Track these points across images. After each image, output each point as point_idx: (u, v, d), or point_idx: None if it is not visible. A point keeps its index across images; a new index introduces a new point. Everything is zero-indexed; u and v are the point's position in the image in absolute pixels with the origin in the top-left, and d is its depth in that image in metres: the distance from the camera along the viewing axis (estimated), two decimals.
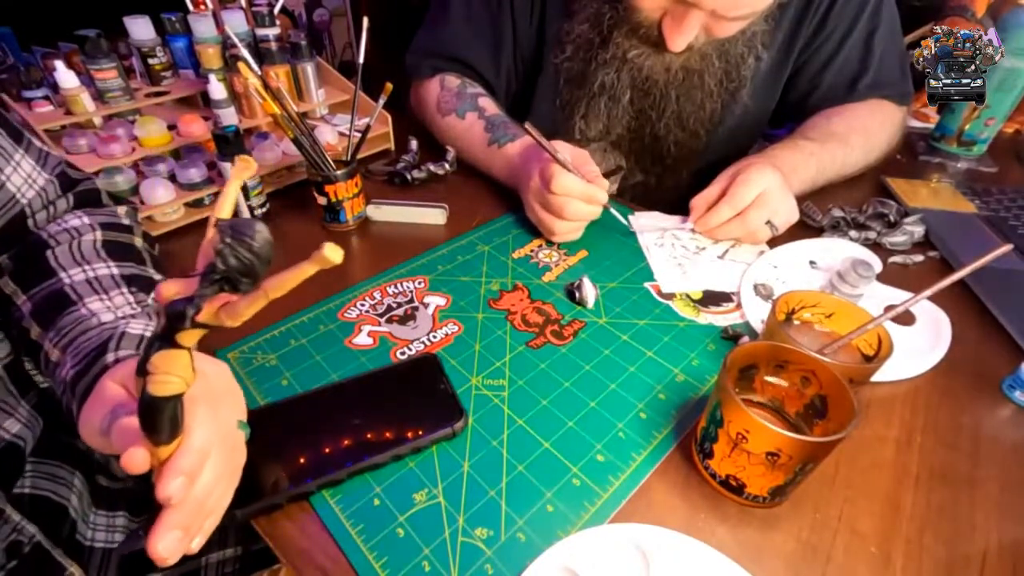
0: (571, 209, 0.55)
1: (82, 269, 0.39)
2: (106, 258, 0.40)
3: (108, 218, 0.44)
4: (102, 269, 0.39)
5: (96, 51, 0.57)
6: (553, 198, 0.55)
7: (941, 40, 0.68)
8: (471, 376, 0.44)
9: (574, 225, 0.58)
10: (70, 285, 0.38)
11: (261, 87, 0.52)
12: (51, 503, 0.41)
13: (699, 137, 0.76)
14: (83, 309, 0.36)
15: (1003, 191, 0.74)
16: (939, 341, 0.48)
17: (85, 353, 0.33)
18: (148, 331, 0.35)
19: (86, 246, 0.40)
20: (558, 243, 0.60)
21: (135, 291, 0.39)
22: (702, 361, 0.46)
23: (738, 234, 0.59)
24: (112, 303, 0.37)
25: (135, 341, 0.34)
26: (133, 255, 0.43)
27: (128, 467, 0.24)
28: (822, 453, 0.32)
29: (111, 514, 0.46)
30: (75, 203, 0.44)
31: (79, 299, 0.37)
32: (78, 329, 0.35)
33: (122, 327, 0.35)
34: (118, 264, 0.40)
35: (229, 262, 0.18)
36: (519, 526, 0.34)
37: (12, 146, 0.40)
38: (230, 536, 0.49)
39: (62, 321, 0.36)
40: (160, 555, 0.25)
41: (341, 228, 0.61)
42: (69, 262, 0.39)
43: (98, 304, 0.37)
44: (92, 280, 0.38)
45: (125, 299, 0.38)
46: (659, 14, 0.61)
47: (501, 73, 0.77)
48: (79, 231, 0.42)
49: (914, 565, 0.33)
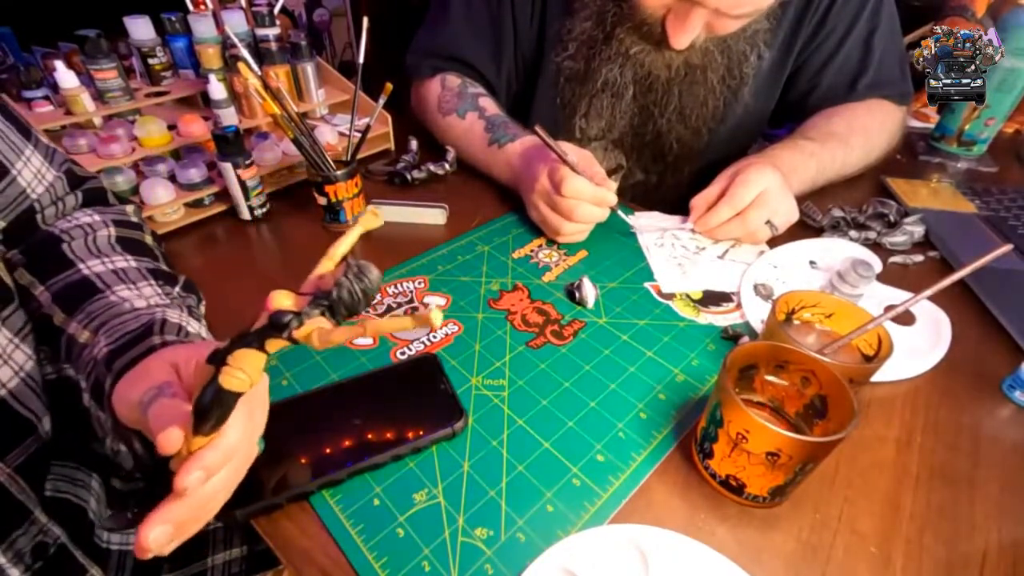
0: (580, 212, 0.55)
1: (101, 261, 0.39)
2: (123, 252, 0.41)
3: (119, 216, 0.45)
4: (121, 262, 0.40)
5: (96, 51, 0.57)
6: (563, 201, 0.55)
7: (941, 40, 0.68)
8: (471, 376, 0.44)
9: (582, 227, 0.58)
10: (95, 275, 0.38)
11: (261, 87, 0.52)
12: (72, 505, 0.41)
13: (700, 135, 0.76)
14: (112, 296, 0.37)
15: (1003, 191, 0.74)
16: (939, 341, 0.48)
17: (123, 333, 0.34)
18: (183, 321, 0.36)
19: (101, 241, 0.41)
20: (559, 243, 0.60)
21: (161, 284, 0.40)
22: (702, 361, 0.46)
23: (738, 234, 0.59)
24: (141, 293, 0.38)
25: (175, 328, 0.35)
26: (147, 251, 0.43)
27: (163, 444, 0.24)
28: (822, 453, 0.32)
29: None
30: (83, 201, 0.44)
31: (107, 287, 0.37)
32: (111, 312, 0.36)
33: (160, 314, 0.35)
34: (136, 259, 0.41)
35: (343, 294, 0.21)
36: (519, 526, 0.34)
37: (22, 141, 0.40)
38: (236, 536, 0.49)
39: (91, 306, 0.36)
40: (147, 544, 0.24)
41: (341, 228, 0.61)
42: (87, 254, 0.39)
43: (127, 292, 0.37)
44: (118, 271, 0.39)
45: (154, 290, 0.39)
46: (662, 12, 0.61)
47: (502, 73, 0.77)
48: (92, 227, 0.42)
49: (914, 565, 0.33)
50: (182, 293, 0.41)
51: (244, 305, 0.51)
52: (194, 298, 0.42)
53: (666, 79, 0.69)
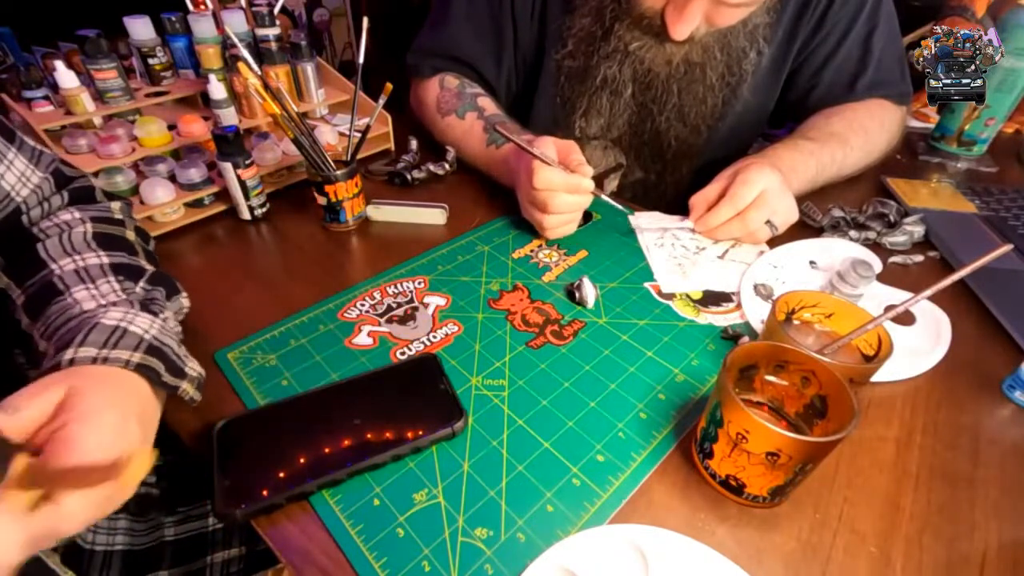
0: (556, 202, 0.55)
1: (72, 259, 0.39)
2: (96, 248, 0.40)
3: (100, 212, 0.44)
4: (92, 259, 0.39)
5: (96, 51, 0.57)
6: (537, 194, 0.55)
7: (941, 40, 0.68)
8: (471, 376, 0.44)
9: (564, 218, 0.57)
10: (59, 276, 0.38)
11: (261, 87, 0.52)
12: None
13: (700, 133, 0.76)
14: (69, 298, 0.36)
15: (1003, 191, 0.74)
16: (939, 341, 0.48)
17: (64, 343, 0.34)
18: (125, 322, 0.35)
19: (76, 238, 0.40)
20: (558, 243, 0.60)
21: (122, 279, 0.39)
22: (702, 361, 0.46)
23: (738, 234, 0.59)
24: (99, 291, 0.37)
25: (105, 333, 0.34)
26: (124, 246, 0.43)
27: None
28: (822, 453, 0.32)
29: (112, 516, 0.45)
30: (69, 200, 0.44)
31: (66, 288, 0.37)
32: (62, 319, 0.35)
33: (99, 316, 0.35)
34: (108, 254, 0.40)
35: None
36: (519, 526, 0.34)
37: (5, 145, 0.40)
38: (235, 537, 0.49)
39: (49, 310, 0.36)
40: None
41: (341, 228, 0.61)
42: (59, 253, 0.39)
43: (84, 293, 0.37)
44: (80, 270, 0.38)
45: (111, 287, 0.38)
46: (662, 3, 0.61)
47: (502, 72, 0.77)
48: (69, 224, 0.41)
49: (914, 565, 0.33)
50: (146, 286, 0.40)
51: (244, 305, 0.52)
52: (161, 290, 0.41)
53: (665, 76, 0.69)
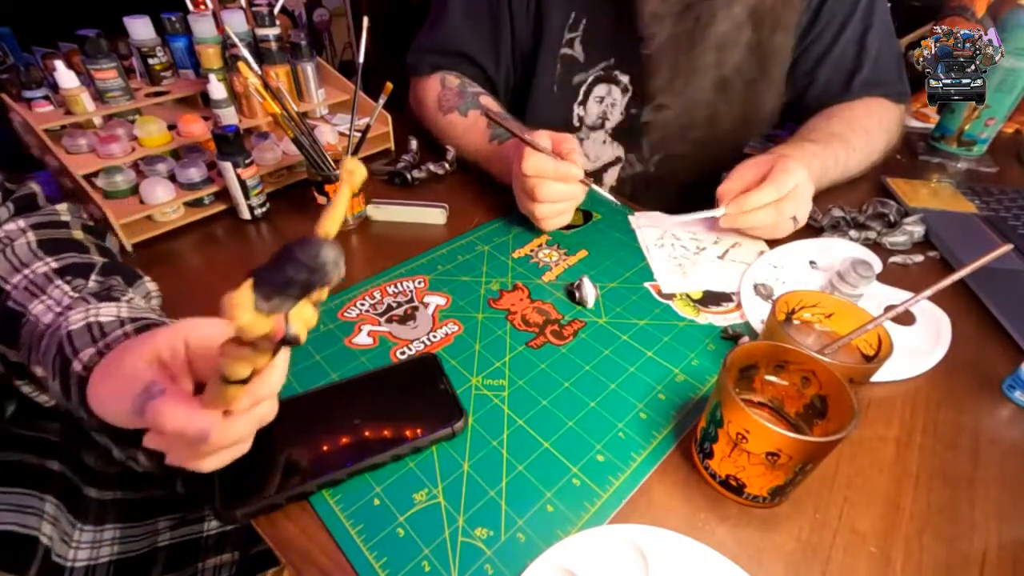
0: (544, 190, 0.54)
1: (22, 274, 0.38)
2: (43, 256, 0.40)
3: (43, 217, 0.43)
4: (40, 267, 0.39)
5: (96, 51, 0.57)
6: (526, 180, 0.55)
7: (941, 40, 0.68)
8: (471, 376, 0.44)
9: (555, 208, 0.57)
10: (14, 299, 0.37)
11: (261, 87, 0.52)
12: (15, 537, 0.40)
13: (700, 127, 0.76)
14: (30, 316, 0.36)
15: (1003, 191, 0.74)
16: (939, 341, 0.48)
17: (50, 364, 0.34)
18: (89, 317, 0.35)
19: (21, 249, 0.40)
20: (558, 243, 0.60)
21: (70, 279, 0.38)
22: (702, 361, 0.46)
23: (767, 221, 0.56)
24: (52, 299, 0.37)
25: (85, 335, 0.34)
26: (72, 247, 0.42)
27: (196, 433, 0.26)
28: (822, 453, 0.32)
29: (98, 528, 0.45)
30: (15, 210, 0.43)
31: (24, 308, 0.37)
32: (34, 340, 0.35)
33: (64, 328, 0.34)
34: (56, 258, 0.40)
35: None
36: (519, 526, 0.34)
37: None
38: (227, 543, 0.49)
39: (22, 338, 0.36)
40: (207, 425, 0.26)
41: (341, 228, 0.61)
42: (8, 270, 0.39)
43: (40, 307, 0.36)
44: (30, 284, 0.38)
45: (61, 290, 0.37)
46: None
47: (501, 65, 0.77)
48: (10, 237, 0.41)
49: (914, 565, 0.33)
50: (98, 279, 0.40)
51: None
52: (117, 279, 0.41)
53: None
